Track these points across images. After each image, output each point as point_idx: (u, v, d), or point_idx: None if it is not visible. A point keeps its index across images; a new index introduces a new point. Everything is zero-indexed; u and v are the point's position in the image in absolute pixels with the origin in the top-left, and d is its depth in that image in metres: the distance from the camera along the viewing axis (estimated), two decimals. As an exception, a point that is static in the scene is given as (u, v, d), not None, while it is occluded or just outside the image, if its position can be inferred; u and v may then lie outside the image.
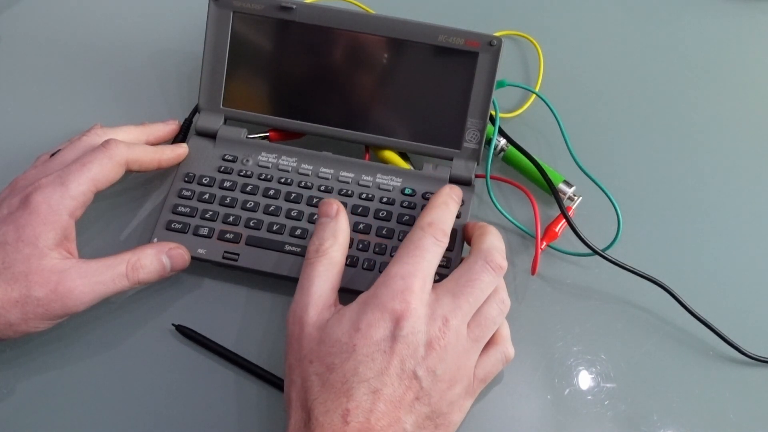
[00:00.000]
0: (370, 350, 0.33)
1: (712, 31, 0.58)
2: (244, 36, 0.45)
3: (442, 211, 0.38)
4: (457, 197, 0.41)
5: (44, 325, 0.37)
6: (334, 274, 0.37)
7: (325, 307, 0.36)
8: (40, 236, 0.37)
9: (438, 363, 0.34)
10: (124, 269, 0.38)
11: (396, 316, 0.34)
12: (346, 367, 0.33)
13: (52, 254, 0.37)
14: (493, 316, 0.37)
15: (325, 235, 0.38)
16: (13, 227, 0.37)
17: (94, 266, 0.38)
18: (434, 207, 0.39)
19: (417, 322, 0.34)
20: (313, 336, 0.35)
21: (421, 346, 0.34)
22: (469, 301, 0.36)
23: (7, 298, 0.35)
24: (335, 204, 0.39)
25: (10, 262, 0.36)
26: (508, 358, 0.38)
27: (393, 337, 0.33)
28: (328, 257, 0.37)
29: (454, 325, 0.35)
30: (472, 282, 0.36)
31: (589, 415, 0.40)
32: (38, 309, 0.36)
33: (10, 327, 0.36)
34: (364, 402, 0.32)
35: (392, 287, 0.35)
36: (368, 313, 0.34)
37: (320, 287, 0.36)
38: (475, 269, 0.36)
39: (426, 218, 0.38)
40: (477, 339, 0.36)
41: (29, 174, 0.40)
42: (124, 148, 0.41)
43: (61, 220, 0.38)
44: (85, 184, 0.39)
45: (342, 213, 0.39)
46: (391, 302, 0.34)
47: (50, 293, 0.36)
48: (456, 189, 0.41)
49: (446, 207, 0.39)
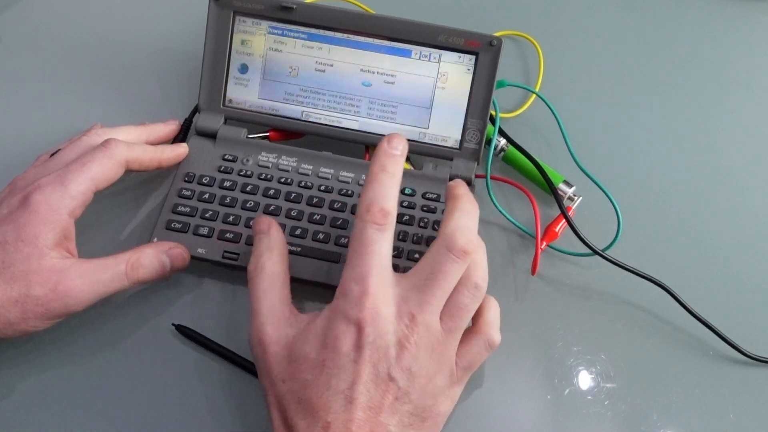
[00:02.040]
0: (340, 362, 0.32)
1: (712, 31, 0.58)
2: (244, 36, 0.45)
3: (379, 183, 0.35)
4: (398, 149, 0.36)
5: (44, 324, 0.37)
6: (279, 286, 0.36)
7: (282, 322, 0.35)
8: (39, 236, 0.37)
9: (412, 361, 0.33)
10: (124, 268, 0.38)
11: (359, 325, 0.33)
12: (319, 382, 0.32)
13: (52, 254, 0.37)
14: (465, 303, 0.35)
15: (261, 250, 0.37)
16: (12, 227, 0.37)
17: (94, 265, 0.37)
18: (369, 181, 0.35)
19: (383, 325, 0.33)
20: (280, 355, 0.34)
21: (392, 347, 0.33)
22: (436, 294, 0.34)
23: (6, 297, 0.35)
24: (266, 219, 0.39)
25: (10, 261, 0.36)
26: (492, 345, 0.37)
27: (359, 345, 0.33)
28: (267, 272, 0.36)
29: (423, 320, 0.34)
30: (435, 274, 0.34)
31: (589, 415, 0.40)
32: (38, 308, 0.36)
33: (9, 326, 0.36)
34: (342, 413, 0.32)
35: (349, 295, 0.33)
36: (333, 327, 0.33)
37: (269, 304, 0.35)
38: (438, 259, 0.34)
39: (362, 200, 0.35)
40: (451, 330, 0.35)
41: (29, 174, 0.40)
42: (124, 147, 0.41)
43: (61, 220, 0.38)
44: (84, 184, 0.39)
45: (274, 226, 0.38)
46: (352, 311, 0.33)
47: (50, 292, 0.36)
48: (395, 138, 0.36)
49: (384, 175, 0.35)
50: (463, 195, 0.37)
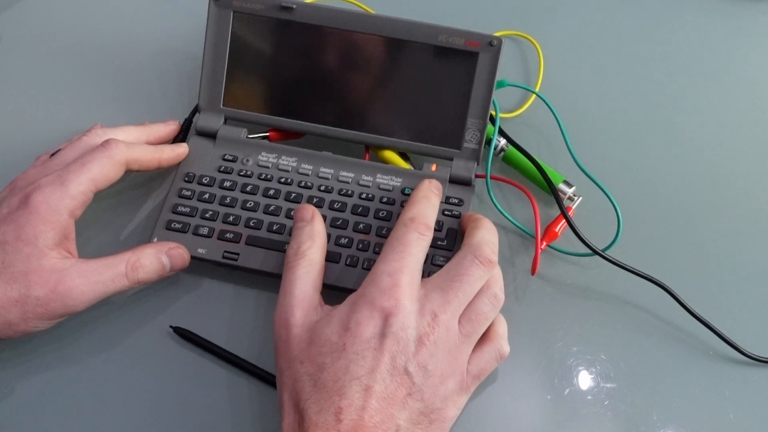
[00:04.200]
0: (360, 348, 0.33)
1: (712, 31, 0.58)
2: (244, 36, 0.45)
3: (423, 205, 0.39)
4: (437, 190, 0.41)
5: (44, 324, 0.37)
6: (315, 275, 0.37)
7: (311, 308, 0.36)
8: (39, 236, 0.37)
9: (429, 358, 0.34)
10: (124, 269, 0.38)
11: (385, 313, 0.34)
12: (337, 366, 0.33)
13: (52, 254, 0.37)
14: (484, 311, 0.37)
15: (303, 238, 0.38)
16: (12, 227, 0.37)
17: (94, 266, 0.38)
18: (415, 202, 0.39)
19: (406, 318, 0.34)
20: (302, 337, 0.35)
21: (412, 342, 0.34)
22: (459, 296, 0.36)
23: (6, 297, 0.35)
24: (310, 208, 0.40)
25: (10, 261, 0.36)
26: (502, 356, 0.38)
27: (382, 334, 0.33)
28: (308, 259, 0.37)
29: (444, 319, 0.35)
30: (460, 276, 0.36)
31: (589, 415, 0.40)
32: (38, 308, 0.36)
33: (9, 326, 0.36)
34: (357, 399, 0.32)
35: (380, 285, 0.35)
36: (357, 312, 0.34)
37: (303, 289, 0.36)
38: (464, 264, 0.37)
39: (408, 213, 0.38)
40: (468, 334, 0.36)
41: (29, 173, 0.40)
42: (124, 147, 0.41)
43: (61, 220, 0.38)
44: (84, 184, 0.39)
45: (317, 216, 0.39)
46: (380, 299, 0.34)
47: (50, 293, 0.36)
48: (435, 182, 0.41)
49: (427, 201, 0.39)
50: (484, 218, 0.40)
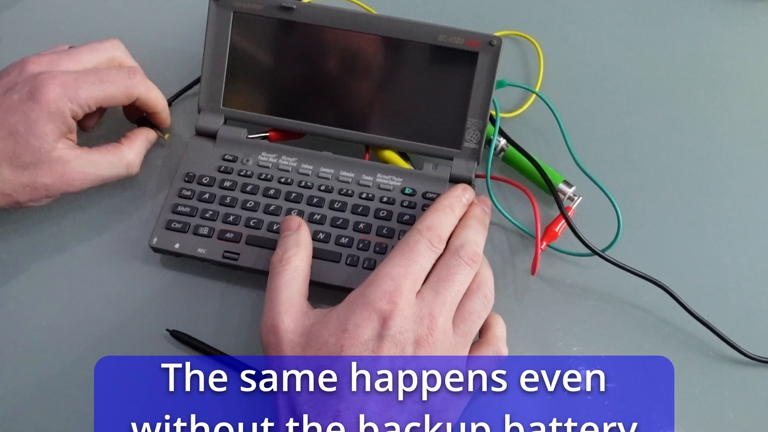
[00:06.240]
0: (358, 350, 0.33)
1: (712, 31, 0.58)
2: (244, 36, 0.45)
3: (444, 216, 0.38)
4: (467, 200, 0.40)
5: (45, 201, 0.42)
6: (301, 281, 0.37)
7: (299, 314, 0.36)
8: (48, 132, 0.40)
9: (427, 361, 0.34)
10: (124, 170, 0.44)
11: (383, 316, 0.34)
12: (334, 368, 0.33)
13: (58, 146, 0.41)
14: (477, 310, 0.37)
15: (288, 245, 0.38)
16: (23, 119, 0.39)
17: (97, 158, 0.42)
18: (437, 210, 0.39)
19: (404, 322, 0.34)
20: (295, 342, 0.35)
21: (409, 345, 0.34)
22: (451, 293, 0.36)
23: (19, 182, 0.40)
24: (297, 219, 0.40)
25: (20, 151, 0.40)
26: (500, 358, 0.38)
27: (380, 336, 0.33)
28: (293, 265, 0.37)
29: (441, 321, 0.35)
30: (449, 276, 0.36)
31: (589, 415, 0.40)
32: (44, 191, 0.41)
33: (16, 204, 0.41)
34: (355, 402, 0.32)
35: (381, 287, 0.35)
36: (356, 313, 0.34)
37: (289, 295, 0.36)
38: (449, 263, 0.37)
39: (425, 221, 0.38)
40: (464, 334, 0.36)
41: (42, 59, 0.42)
42: (144, 87, 0.44)
43: (66, 120, 0.41)
44: (93, 99, 0.41)
45: (304, 226, 0.40)
46: (380, 302, 0.34)
47: (56, 180, 0.41)
48: (469, 190, 0.41)
49: (450, 211, 0.39)
50: (475, 216, 0.40)
